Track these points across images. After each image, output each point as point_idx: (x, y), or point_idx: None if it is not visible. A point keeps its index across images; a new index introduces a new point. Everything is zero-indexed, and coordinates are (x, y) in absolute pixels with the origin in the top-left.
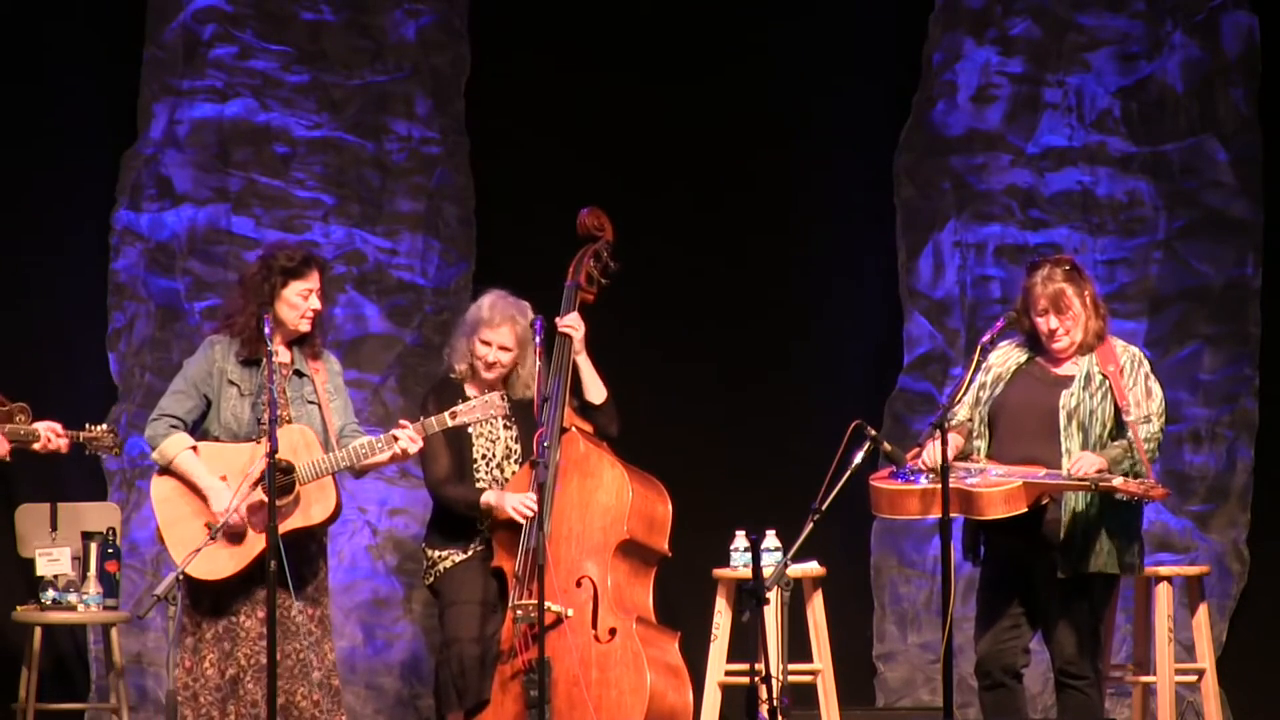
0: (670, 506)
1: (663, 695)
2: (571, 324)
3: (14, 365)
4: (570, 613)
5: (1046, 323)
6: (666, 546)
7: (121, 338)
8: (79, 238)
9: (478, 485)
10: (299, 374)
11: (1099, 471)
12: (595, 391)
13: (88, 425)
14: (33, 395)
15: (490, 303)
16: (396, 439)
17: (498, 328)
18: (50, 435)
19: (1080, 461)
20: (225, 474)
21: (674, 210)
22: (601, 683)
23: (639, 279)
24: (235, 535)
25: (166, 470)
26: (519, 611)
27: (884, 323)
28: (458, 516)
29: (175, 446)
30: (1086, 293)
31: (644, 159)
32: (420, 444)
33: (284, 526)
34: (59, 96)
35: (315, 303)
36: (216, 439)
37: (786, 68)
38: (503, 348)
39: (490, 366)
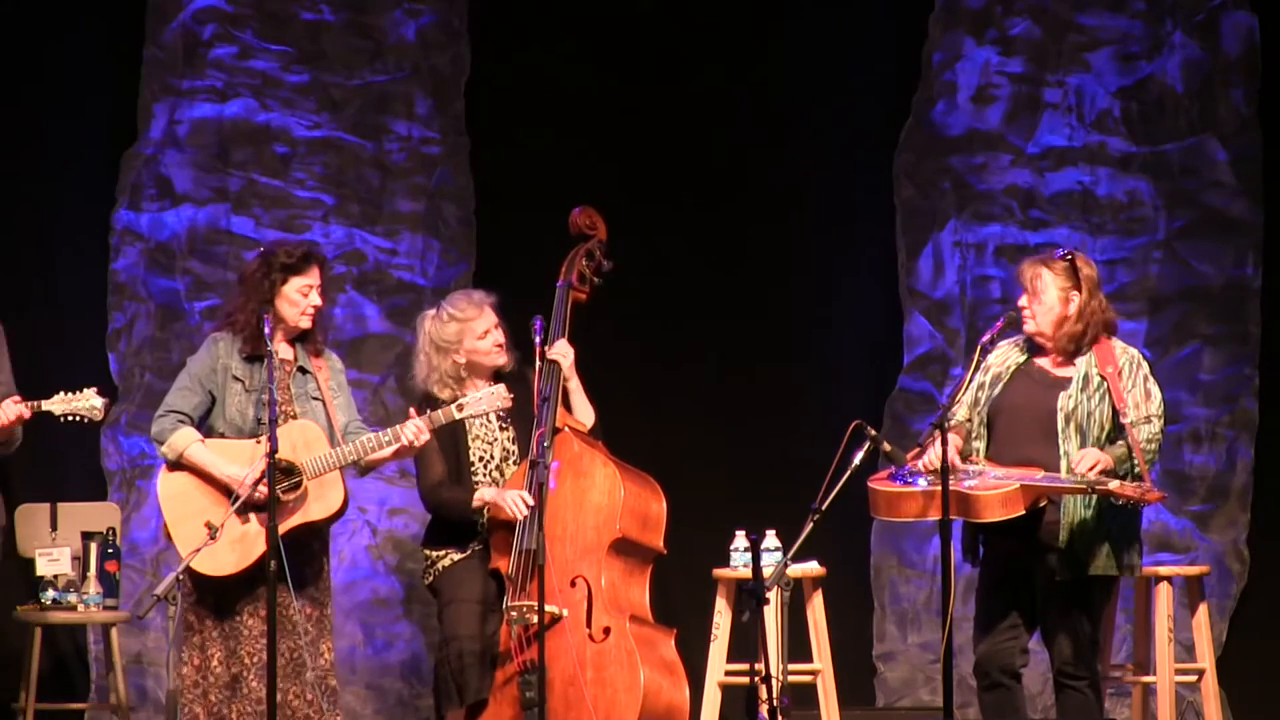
0: (665, 504)
1: (657, 693)
2: (561, 351)
3: (14, 365)
4: (565, 613)
5: (1021, 299)
6: (662, 544)
7: (121, 338)
8: (79, 238)
9: (475, 486)
10: (302, 370)
11: (1102, 469)
12: (584, 415)
13: (61, 393)
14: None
15: (455, 309)
16: (401, 432)
17: (490, 314)
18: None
19: (1084, 458)
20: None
21: (674, 210)
22: (597, 682)
23: (639, 279)
24: (256, 506)
25: (176, 465)
26: (513, 613)
27: (884, 323)
28: (464, 520)
29: (185, 439)
30: (1074, 293)
31: (644, 159)
32: (427, 436)
33: (285, 524)
34: (59, 96)
35: (316, 299)
36: (221, 435)
37: (786, 67)
38: (498, 327)
39: (501, 347)
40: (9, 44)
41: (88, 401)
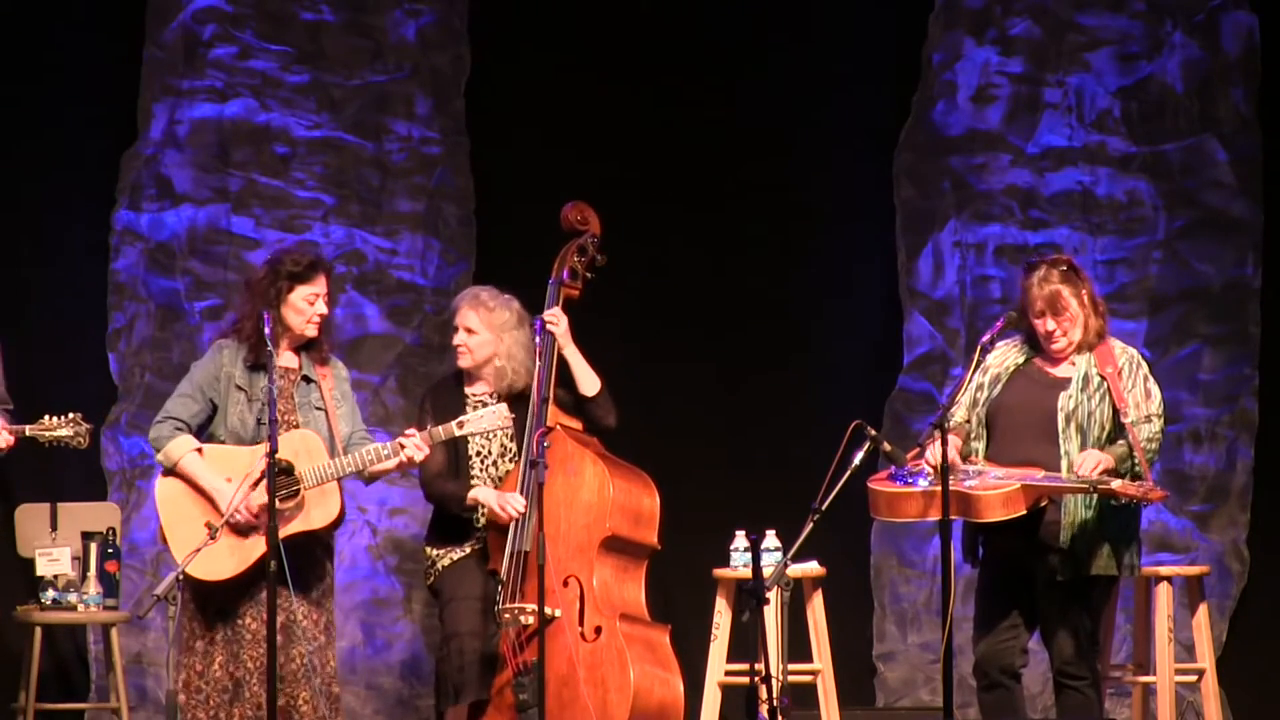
0: (657, 499)
1: (649, 691)
2: (553, 318)
3: (14, 365)
4: (558, 613)
5: (1044, 324)
6: (655, 540)
7: (121, 338)
8: (79, 238)
9: (473, 482)
10: (306, 380)
11: (1103, 470)
12: (588, 383)
13: (47, 417)
14: (33, 395)
15: (462, 291)
16: (403, 447)
17: (461, 309)
18: None
19: (1085, 460)
20: (230, 476)
21: (674, 210)
22: (590, 681)
23: (639, 279)
24: (243, 530)
25: (172, 471)
26: (506, 615)
27: (884, 323)
28: (456, 515)
29: (180, 448)
30: (1084, 292)
31: (644, 159)
32: (427, 452)
33: (284, 530)
34: (59, 96)
35: (322, 307)
36: (222, 443)
37: (787, 67)
38: (468, 330)
39: (459, 352)
40: (9, 44)
41: (72, 429)
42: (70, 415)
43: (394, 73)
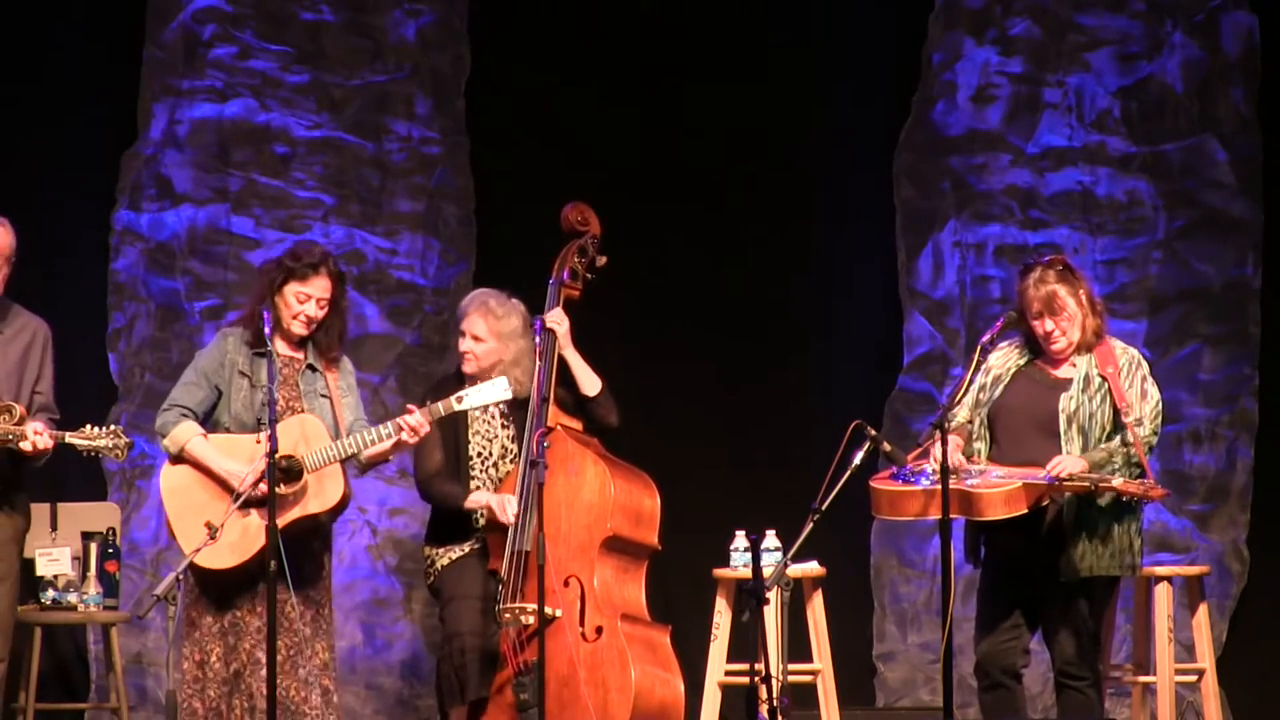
0: (658, 500)
1: (649, 692)
2: (555, 319)
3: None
4: (559, 613)
5: (1042, 325)
6: (656, 540)
7: (121, 338)
8: (79, 238)
9: (473, 483)
10: (312, 368)
11: (1081, 472)
12: (589, 384)
13: (89, 426)
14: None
15: (470, 295)
16: (402, 428)
17: (469, 315)
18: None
19: (1061, 464)
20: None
21: (674, 210)
22: (590, 682)
23: (639, 280)
24: (257, 503)
25: (178, 460)
26: (506, 615)
27: (884, 323)
28: (456, 514)
29: (187, 433)
30: (1081, 291)
31: (644, 159)
32: (427, 428)
33: (285, 517)
34: (59, 96)
35: (312, 309)
36: (226, 429)
37: (787, 68)
38: (475, 337)
39: (464, 358)
40: (9, 44)
41: (111, 440)
42: (112, 427)
43: (394, 73)
